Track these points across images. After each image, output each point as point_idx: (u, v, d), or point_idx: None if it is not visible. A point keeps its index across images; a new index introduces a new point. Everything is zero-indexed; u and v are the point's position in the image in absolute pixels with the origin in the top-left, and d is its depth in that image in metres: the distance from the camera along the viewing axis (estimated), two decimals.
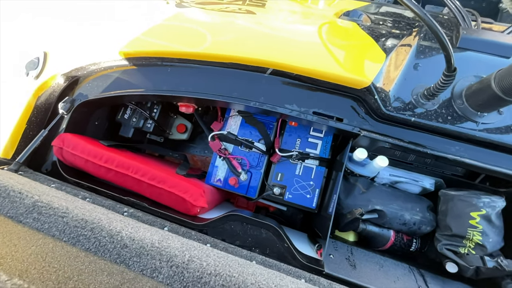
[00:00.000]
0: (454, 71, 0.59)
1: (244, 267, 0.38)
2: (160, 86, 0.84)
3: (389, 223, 0.79)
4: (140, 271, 0.33)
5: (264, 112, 0.87)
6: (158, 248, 0.36)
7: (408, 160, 0.84)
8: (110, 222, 0.39)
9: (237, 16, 0.81)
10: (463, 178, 0.83)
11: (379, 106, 0.71)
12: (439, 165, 0.82)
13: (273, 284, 0.36)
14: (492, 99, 0.63)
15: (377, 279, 0.67)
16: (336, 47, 0.74)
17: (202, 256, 0.37)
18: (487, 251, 0.70)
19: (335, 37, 0.76)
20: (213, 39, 0.79)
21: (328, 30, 0.78)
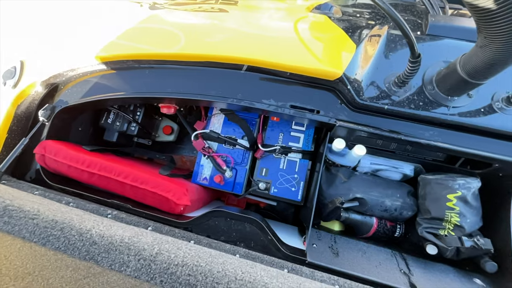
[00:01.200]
0: (418, 57, 0.60)
1: (215, 258, 0.40)
2: (139, 88, 0.85)
3: (371, 210, 0.81)
4: (108, 266, 0.34)
5: (245, 109, 0.88)
6: (128, 243, 0.37)
7: (390, 148, 0.85)
8: (81, 222, 0.40)
9: (210, 15, 0.82)
10: (443, 163, 0.85)
11: (353, 96, 0.72)
12: (420, 151, 0.84)
13: (240, 271, 0.37)
14: (459, 83, 0.64)
15: (359, 265, 0.69)
16: (308, 40, 0.76)
17: (172, 249, 0.38)
18: (465, 232, 0.72)
19: (306, 30, 0.77)
20: (188, 39, 0.80)
21: (300, 24, 0.79)
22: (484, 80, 0.60)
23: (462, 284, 0.69)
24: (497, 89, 0.70)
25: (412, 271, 0.70)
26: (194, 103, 0.93)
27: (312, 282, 0.44)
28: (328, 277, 0.62)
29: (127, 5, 0.90)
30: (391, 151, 0.86)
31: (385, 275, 0.67)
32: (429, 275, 0.69)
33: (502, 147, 0.70)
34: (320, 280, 0.62)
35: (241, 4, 0.86)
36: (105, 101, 0.86)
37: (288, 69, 0.75)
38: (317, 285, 0.44)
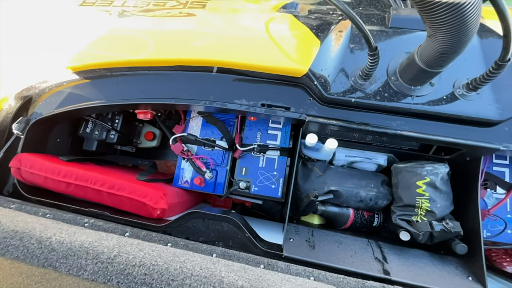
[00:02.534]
0: (375, 50, 0.62)
1: (177, 257, 0.40)
2: (112, 96, 0.85)
3: (346, 202, 0.83)
4: (66, 271, 0.35)
5: (221, 110, 0.89)
6: (87, 248, 0.38)
7: (366, 140, 0.87)
8: (43, 230, 0.40)
9: (178, 20, 0.83)
10: (418, 151, 0.87)
11: (320, 91, 0.74)
12: (395, 141, 0.86)
13: (199, 268, 0.38)
14: (419, 72, 0.66)
15: (335, 256, 0.70)
16: (274, 39, 0.77)
17: (133, 251, 0.39)
18: (437, 216, 0.74)
19: (272, 30, 0.79)
20: (157, 45, 0.80)
21: (266, 24, 0.81)
22: (440, 68, 0.62)
23: (435, 267, 0.71)
24: (458, 77, 0.73)
25: (387, 258, 0.71)
26: (168, 107, 0.94)
27: (275, 275, 0.46)
28: (303, 270, 0.64)
29: (96, 14, 0.91)
30: (368, 143, 0.88)
31: (360, 264, 0.68)
32: (403, 261, 0.71)
33: (465, 132, 0.72)
34: (295, 273, 0.64)
35: (209, 8, 0.87)
36: (78, 111, 0.87)
37: (256, 69, 0.76)
38: (280, 276, 0.45)
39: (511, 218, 0.86)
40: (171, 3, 0.88)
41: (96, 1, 0.91)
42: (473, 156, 0.77)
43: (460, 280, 0.67)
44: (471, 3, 0.44)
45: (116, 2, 0.90)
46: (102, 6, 0.89)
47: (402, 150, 0.88)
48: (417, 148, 0.88)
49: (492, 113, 0.69)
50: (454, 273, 0.69)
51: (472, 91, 0.70)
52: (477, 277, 0.68)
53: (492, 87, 0.71)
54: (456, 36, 0.49)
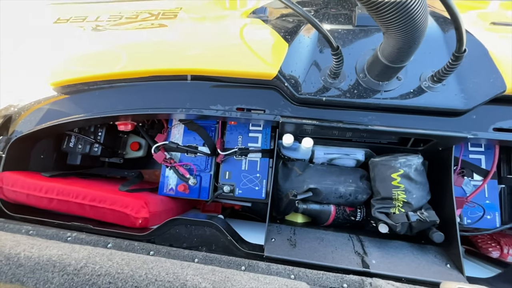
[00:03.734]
0: (337, 49, 0.64)
1: (145, 264, 0.41)
2: (90, 110, 0.86)
3: (326, 198, 0.84)
4: (33, 284, 0.36)
5: (201, 117, 0.91)
6: (54, 261, 0.39)
7: (347, 137, 0.89)
8: (13, 246, 0.41)
9: (150, 31, 0.85)
10: (397, 144, 0.89)
11: (292, 92, 0.76)
12: (373, 136, 0.87)
13: (165, 273, 0.39)
14: (383, 68, 0.68)
15: (316, 253, 0.71)
16: (244, 45, 0.79)
17: (100, 261, 0.40)
18: (413, 207, 0.75)
19: (242, 36, 0.81)
20: (130, 57, 0.82)
21: (236, 30, 0.83)
22: (402, 63, 0.64)
23: (414, 257, 0.72)
24: (423, 69, 0.74)
25: (367, 251, 0.73)
26: (147, 117, 0.95)
27: (245, 275, 0.47)
28: (283, 269, 0.65)
29: (71, 30, 0.92)
30: (348, 140, 0.90)
31: (340, 259, 0.69)
32: (383, 253, 0.72)
33: (434, 123, 0.74)
34: (276, 272, 0.65)
35: (180, 17, 0.89)
36: (59, 127, 0.88)
37: (228, 74, 0.78)
38: (249, 276, 0.46)
39: (489, 204, 0.88)
40: (143, 15, 0.90)
41: (70, 18, 0.93)
42: (445, 146, 0.79)
43: (438, 268, 0.69)
44: (415, 1, 0.46)
45: (89, 18, 0.91)
46: (76, 22, 0.91)
47: (381, 145, 0.90)
48: (397, 142, 0.90)
49: (458, 102, 0.71)
50: (432, 262, 0.71)
51: (438, 83, 0.72)
52: (455, 264, 0.70)
53: (457, 77, 0.73)
54: (406, 32, 0.51)
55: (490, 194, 0.88)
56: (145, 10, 0.91)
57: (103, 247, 0.71)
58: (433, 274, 0.66)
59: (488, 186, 0.88)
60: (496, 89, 0.68)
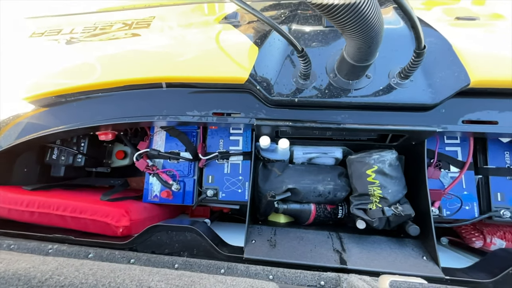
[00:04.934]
0: (302, 51, 0.65)
1: (112, 272, 0.42)
2: (68, 121, 0.87)
3: (306, 198, 0.85)
4: None
5: (180, 123, 0.92)
6: (20, 274, 0.39)
7: (327, 135, 0.90)
8: None
9: (124, 41, 0.86)
10: (377, 141, 0.90)
11: (264, 94, 0.77)
12: (352, 134, 0.89)
13: (129, 281, 0.40)
14: (350, 67, 0.70)
15: (295, 252, 0.72)
16: (216, 51, 0.80)
17: (67, 272, 0.41)
18: (390, 202, 0.76)
19: (214, 42, 0.82)
20: (105, 68, 0.83)
21: (208, 36, 0.84)
22: (366, 62, 0.65)
23: (392, 251, 0.73)
24: (391, 67, 0.76)
25: (346, 248, 0.74)
26: (125, 126, 0.96)
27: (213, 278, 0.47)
28: (262, 269, 0.66)
29: (46, 44, 0.93)
30: (329, 138, 0.91)
31: (318, 257, 0.70)
32: (361, 248, 0.74)
33: (405, 118, 0.76)
34: (255, 273, 0.66)
35: (154, 26, 0.90)
36: (38, 139, 0.88)
37: (201, 80, 0.79)
38: (216, 279, 0.47)
39: (467, 195, 0.89)
40: (117, 25, 0.91)
41: (45, 32, 0.93)
42: (417, 140, 0.80)
43: (415, 260, 0.70)
44: (364, 2, 0.47)
45: (64, 30, 0.92)
46: (51, 36, 0.92)
47: (359, 142, 0.91)
48: (376, 138, 0.91)
49: (426, 97, 0.72)
50: (409, 254, 0.72)
51: (405, 79, 0.73)
52: (431, 256, 0.71)
53: (424, 73, 0.74)
54: (361, 33, 0.52)
55: (468, 185, 0.90)
56: (119, 20, 0.92)
57: (84, 258, 0.71)
58: (409, 267, 0.68)
59: (465, 178, 0.90)
60: (461, 83, 0.70)
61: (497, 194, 0.88)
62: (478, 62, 0.70)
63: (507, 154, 0.90)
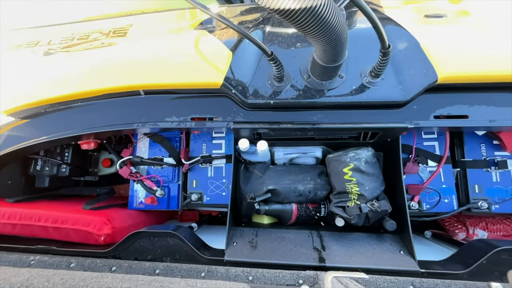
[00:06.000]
0: (271, 55, 0.66)
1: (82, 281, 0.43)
2: (49, 132, 0.87)
3: (286, 198, 0.86)
4: None
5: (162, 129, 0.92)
6: None
7: (309, 135, 0.91)
8: None
9: (101, 50, 0.87)
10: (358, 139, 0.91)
11: (240, 98, 0.78)
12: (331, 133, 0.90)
13: None
14: (321, 68, 0.71)
15: (275, 252, 0.73)
16: (191, 57, 0.81)
17: (37, 283, 0.41)
18: (367, 198, 0.78)
19: (189, 48, 0.83)
20: (83, 77, 0.84)
21: (184, 43, 0.85)
22: (335, 63, 0.67)
23: (370, 247, 0.74)
24: (363, 66, 0.77)
25: (326, 246, 0.75)
26: (106, 135, 0.96)
27: (183, 281, 0.48)
28: (242, 271, 0.67)
29: (24, 57, 0.93)
30: (311, 138, 0.92)
31: (298, 256, 0.71)
32: (341, 246, 0.75)
33: (379, 116, 0.77)
34: (235, 275, 0.66)
35: (130, 35, 0.91)
36: (20, 151, 0.88)
37: (178, 86, 0.80)
38: (187, 283, 0.48)
39: (446, 188, 0.91)
40: (94, 34, 0.91)
41: (22, 44, 0.94)
42: (392, 137, 0.82)
43: (392, 255, 0.71)
44: (321, 5, 0.48)
45: (42, 42, 0.93)
46: (29, 48, 0.92)
47: (339, 140, 0.93)
48: (357, 136, 0.93)
49: (397, 95, 0.74)
50: (387, 249, 0.73)
51: (376, 78, 0.74)
52: (408, 250, 0.72)
53: (394, 71, 0.76)
54: (323, 35, 0.54)
55: (446, 178, 0.91)
56: (96, 30, 0.93)
57: (66, 268, 0.72)
58: (386, 261, 0.69)
59: (444, 171, 0.92)
60: (429, 80, 0.72)
61: (474, 186, 0.90)
62: (444, 59, 0.72)
63: (483, 146, 0.92)
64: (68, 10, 1.06)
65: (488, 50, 0.74)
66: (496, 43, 0.75)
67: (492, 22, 0.82)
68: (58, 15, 1.13)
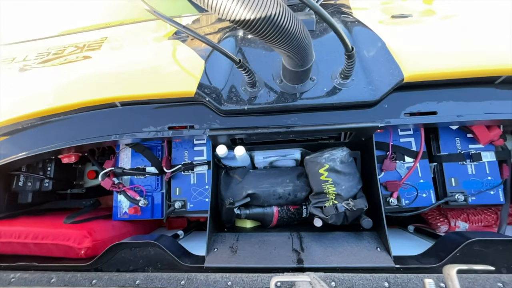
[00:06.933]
0: (239, 62, 0.68)
1: None
2: (28, 148, 0.87)
3: (266, 201, 0.87)
4: None
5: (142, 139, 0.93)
6: None
7: (290, 138, 0.92)
8: None
9: (75, 65, 0.87)
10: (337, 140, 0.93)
11: (215, 105, 0.79)
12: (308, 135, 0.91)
13: None
14: (291, 73, 0.72)
15: (255, 256, 0.74)
16: (164, 67, 0.82)
17: None
18: (344, 198, 0.79)
19: (163, 58, 0.84)
20: (58, 92, 0.84)
21: (158, 53, 0.86)
22: (302, 67, 0.68)
23: (348, 245, 0.75)
24: (334, 68, 0.79)
25: (305, 247, 0.76)
26: (86, 148, 0.96)
27: None
28: (221, 277, 0.67)
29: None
30: (291, 140, 0.93)
31: (277, 258, 0.72)
32: (319, 246, 0.76)
33: (352, 116, 0.79)
34: (214, 281, 0.67)
35: (105, 47, 0.92)
36: None
37: (153, 97, 0.81)
38: None
39: (423, 183, 0.93)
40: (69, 49, 0.92)
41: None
42: (366, 136, 0.83)
43: (368, 252, 0.72)
44: (277, 14, 0.49)
45: (17, 58, 0.93)
46: (5, 65, 0.92)
47: (321, 141, 0.94)
48: (337, 136, 0.94)
49: (367, 95, 0.76)
50: (364, 247, 0.74)
51: (346, 79, 0.76)
52: (384, 246, 0.74)
53: (364, 71, 0.77)
54: (283, 42, 0.55)
55: (423, 173, 0.93)
56: (71, 44, 0.94)
57: (46, 284, 0.72)
58: (362, 259, 0.70)
59: (420, 166, 0.93)
60: (396, 79, 0.73)
61: (451, 180, 0.92)
62: (409, 58, 0.74)
63: (457, 140, 0.94)
64: (47, 25, 1.07)
65: (452, 48, 0.76)
66: (459, 41, 0.78)
67: (457, 20, 0.84)
68: (37, 30, 1.13)
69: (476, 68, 0.72)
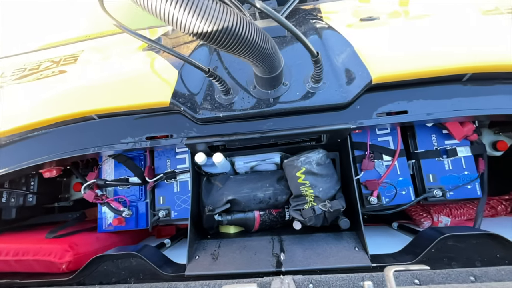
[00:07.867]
0: (208, 71, 0.69)
1: None
2: (7, 164, 0.87)
3: (247, 206, 0.88)
4: None
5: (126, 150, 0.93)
6: None
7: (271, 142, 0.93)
8: None
9: (51, 79, 0.88)
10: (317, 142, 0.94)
11: (190, 113, 0.80)
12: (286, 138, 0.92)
13: None
14: (262, 79, 0.74)
15: (236, 262, 0.75)
16: (138, 78, 0.83)
17: None
18: (322, 199, 0.80)
19: (137, 70, 0.85)
20: (34, 108, 0.84)
21: (132, 65, 0.87)
22: (271, 74, 0.69)
23: (328, 246, 0.76)
24: (306, 73, 0.80)
25: (285, 250, 0.77)
26: (66, 161, 0.96)
27: None
28: (201, 285, 0.68)
29: None
30: (272, 144, 0.94)
31: (257, 263, 0.73)
32: (299, 248, 0.77)
33: (326, 119, 0.80)
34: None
35: (80, 61, 0.92)
36: None
37: (129, 108, 0.82)
38: None
39: (402, 180, 0.94)
40: (45, 64, 0.93)
41: None
42: (340, 137, 0.85)
43: (347, 252, 0.73)
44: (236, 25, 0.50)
45: None
46: None
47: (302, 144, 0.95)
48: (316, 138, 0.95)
49: (339, 97, 0.77)
50: (343, 247, 0.75)
51: (318, 83, 0.78)
52: (362, 245, 0.75)
53: (334, 75, 0.79)
54: (246, 52, 0.56)
55: (402, 171, 0.95)
56: (47, 59, 0.94)
57: None
58: (340, 259, 0.71)
59: (399, 164, 0.95)
60: (364, 81, 0.75)
61: (429, 176, 0.94)
62: (376, 60, 0.76)
63: (433, 136, 0.96)
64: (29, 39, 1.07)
65: (418, 48, 0.78)
66: (425, 41, 0.79)
67: (423, 21, 0.87)
68: (16, 45, 1.14)
69: (442, 67, 0.74)
